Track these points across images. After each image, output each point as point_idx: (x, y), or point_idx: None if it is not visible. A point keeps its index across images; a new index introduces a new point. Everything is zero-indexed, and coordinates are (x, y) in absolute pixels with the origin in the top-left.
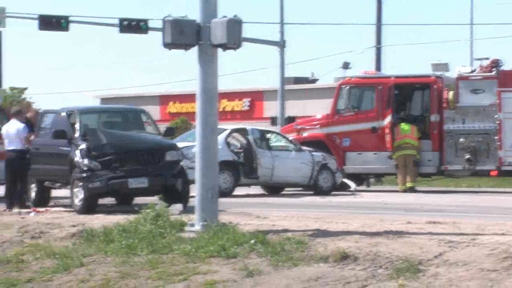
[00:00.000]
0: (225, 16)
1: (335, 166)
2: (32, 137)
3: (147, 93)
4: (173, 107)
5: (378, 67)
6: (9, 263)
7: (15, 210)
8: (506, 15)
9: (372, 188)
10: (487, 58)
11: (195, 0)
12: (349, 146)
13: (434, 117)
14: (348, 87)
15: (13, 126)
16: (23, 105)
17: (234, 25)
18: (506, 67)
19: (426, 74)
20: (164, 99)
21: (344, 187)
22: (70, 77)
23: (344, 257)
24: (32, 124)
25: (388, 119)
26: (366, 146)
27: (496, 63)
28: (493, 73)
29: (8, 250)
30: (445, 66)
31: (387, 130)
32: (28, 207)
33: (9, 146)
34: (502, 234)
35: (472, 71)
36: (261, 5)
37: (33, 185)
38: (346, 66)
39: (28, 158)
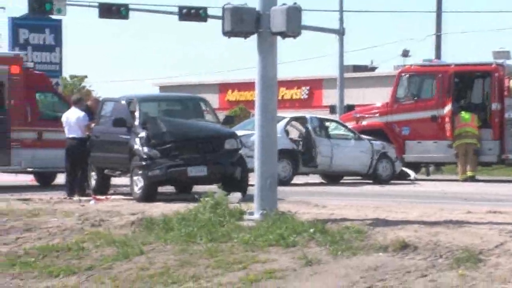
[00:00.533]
0: (284, 4)
1: (395, 155)
2: (92, 125)
3: (206, 81)
4: (232, 95)
5: (438, 55)
6: (69, 250)
7: (76, 198)
8: None
9: (431, 177)
10: None
11: None
12: (409, 135)
13: (495, 106)
14: (407, 75)
15: (74, 114)
16: (83, 93)
17: (294, 12)
18: None
19: (487, 62)
20: (223, 87)
21: (403, 176)
22: (129, 65)
23: (403, 247)
24: (92, 112)
25: (448, 108)
26: (426, 135)
27: None
28: None
29: (68, 238)
30: (506, 54)
31: (447, 119)
32: (88, 195)
33: (69, 134)
34: None
35: None
36: None
37: (93, 173)
38: (405, 54)
39: (88, 146)
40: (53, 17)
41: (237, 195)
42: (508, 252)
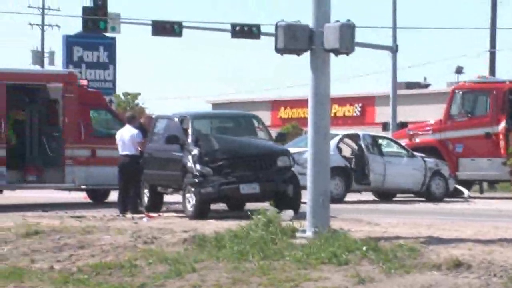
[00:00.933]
0: (338, 21)
1: (448, 172)
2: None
3: (258, 98)
4: (284, 113)
5: (492, 72)
6: (122, 268)
7: (128, 215)
8: None
9: (485, 194)
10: None
11: (307, 5)
12: (462, 152)
13: None
14: (461, 92)
15: (128, 132)
16: (137, 110)
17: (347, 30)
18: None
19: None
20: (275, 105)
21: (457, 194)
22: (182, 82)
23: (457, 265)
24: (145, 129)
25: (502, 125)
26: (480, 152)
27: None
28: None
29: (121, 255)
30: None
31: (501, 136)
32: (141, 212)
33: (122, 151)
34: None
35: None
36: (372, 9)
37: (146, 190)
38: (459, 70)
39: (141, 164)
40: (107, 35)
41: (290, 212)
42: None
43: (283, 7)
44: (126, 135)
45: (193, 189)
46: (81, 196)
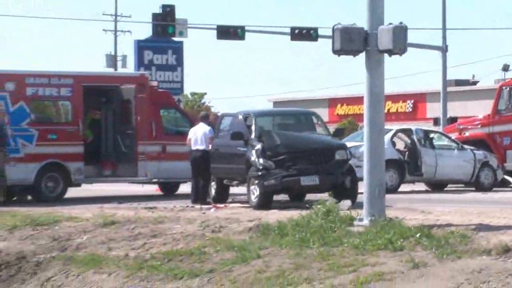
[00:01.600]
0: (391, 23)
1: (496, 164)
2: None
3: (316, 96)
4: (341, 109)
5: None
6: (192, 255)
7: (197, 206)
8: None
9: None
10: None
11: (362, 8)
12: (510, 145)
13: None
14: (508, 89)
15: (201, 129)
16: (204, 109)
17: (400, 31)
18: None
19: None
20: (332, 102)
21: (505, 184)
22: (245, 82)
23: (506, 250)
24: (212, 126)
25: None
26: None
27: None
28: None
29: (191, 243)
30: None
31: None
32: (209, 203)
33: (194, 146)
34: None
35: None
36: (421, 10)
37: (213, 183)
38: (505, 68)
39: (209, 160)
40: (175, 39)
41: (347, 202)
42: None
43: (339, 11)
44: (199, 132)
45: (256, 182)
46: (153, 189)
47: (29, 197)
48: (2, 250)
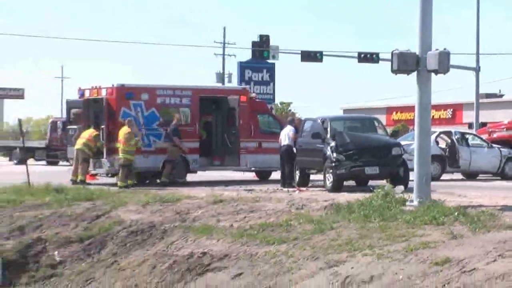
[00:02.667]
0: (437, 49)
1: None
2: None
3: (377, 105)
4: (396, 116)
5: None
6: (280, 226)
7: (285, 189)
8: None
9: None
10: None
11: (414, 37)
12: None
13: None
14: None
15: (288, 129)
16: (290, 114)
17: (444, 56)
18: None
19: None
20: (389, 110)
21: None
22: (322, 93)
23: None
24: (296, 128)
25: None
26: None
27: None
28: None
29: (280, 217)
30: None
31: None
32: (293, 187)
33: (283, 142)
34: None
35: None
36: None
37: (297, 172)
38: None
39: (295, 152)
40: (269, 61)
41: (401, 187)
42: None
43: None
44: (287, 132)
45: (331, 171)
46: (251, 176)
47: (158, 181)
48: (138, 220)
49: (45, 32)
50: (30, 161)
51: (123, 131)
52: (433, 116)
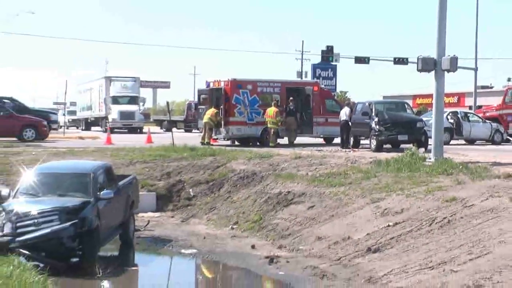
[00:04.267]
0: (449, 55)
1: (503, 130)
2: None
3: (406, 93)
4: (419, 100)
5: None
6: (340, 175)
7: (343, 150)
8: None
9: None
10: None
11: (433, 45)
12: (510, 121)
13: None
14: (510, 90)
15: (345, 110)
16: (347, 99)
17: (454, 60)
18: None
19: None
20: (415, 97)
21: (508, 141)
22: (368, 85)
23: (509, 176)
24: (351, 108)
25: None
26: None
27: None
28: None
29: (340, 169)
30: None
31: None
32: (349, 148)
33: (342, 118)
34: None
35: None
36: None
37: (352, 138)
38: (509, 79)
39: (350, 125)
40: (332, 63)
41: (422, 150)
42: None
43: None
44: (344, 111)
45: (374, 137)
46: (321, 141)
47: (258, 144)
48: (244, 169)
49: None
50: (174, 129)
51: (273, 109)
52: (444, 101)
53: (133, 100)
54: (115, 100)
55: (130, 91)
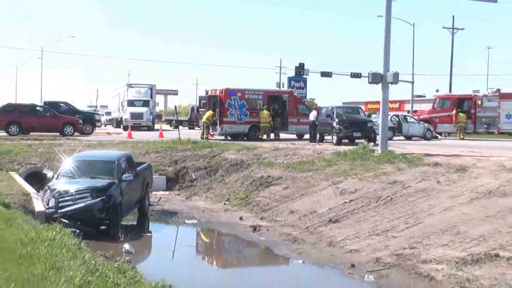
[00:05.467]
0: (392, 71)
1: (433, 129)
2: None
3: (360, 100)
4: (370, 106)
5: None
6: (308, 163)
7: (311, 144)
8: None
9: (447, 138)
10: None
11: (380, 63)
12: (438, 121)
13: None
14: (438, 99)
15: (313, 112)
16: (315, 105)
17: (396, 75)
18: None
19: None
20: (366, 103)
21: (437, 138)
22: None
23: (436, 164)
24: (317, 111)
25: (455, 111)
26: (445, 121)
27: None
28: None
29: (308, 158)
30: None
31: (453, 116)
32: (316, 142)
33: (311, 119)
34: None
35: None
36: (399, 61)
37: (318, 134)
38: (437, 90)
39: (316, 124)
40: (304, 76)
41: (372, 144)
42: (477, 166)
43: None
44: (313, 113)
45: (335, 134)
46: (294, 136)
47: (245, 139)
48: (235, 158)
49: (186, 58)
50: (180, 127)
51: (266, 113)
52: (389, 106)
53: (146, 103)
54: (131, 103)
55: (143, 95)
